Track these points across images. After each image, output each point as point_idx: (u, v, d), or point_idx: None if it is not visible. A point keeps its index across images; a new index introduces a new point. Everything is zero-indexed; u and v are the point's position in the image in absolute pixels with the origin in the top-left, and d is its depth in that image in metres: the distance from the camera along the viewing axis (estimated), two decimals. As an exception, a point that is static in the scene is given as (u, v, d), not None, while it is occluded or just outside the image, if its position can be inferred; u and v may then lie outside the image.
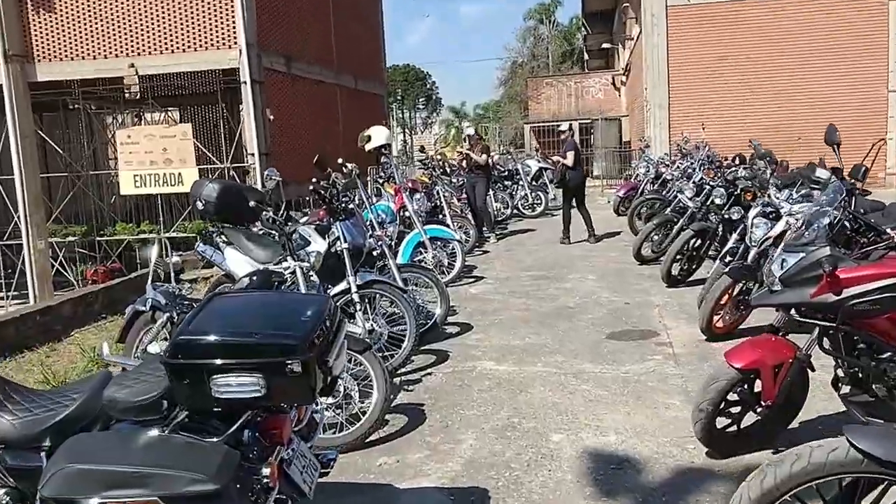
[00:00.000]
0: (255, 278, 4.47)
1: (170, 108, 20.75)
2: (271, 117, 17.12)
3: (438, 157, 12.86)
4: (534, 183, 15.56)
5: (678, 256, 7.51)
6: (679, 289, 7.55)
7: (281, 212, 4.71)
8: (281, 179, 4.71)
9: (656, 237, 8.85)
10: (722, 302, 5.49)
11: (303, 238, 5.46)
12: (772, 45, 15.55)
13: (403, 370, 5.33)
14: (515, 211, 14.83)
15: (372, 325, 5.30)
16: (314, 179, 6.16)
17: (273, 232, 6.04)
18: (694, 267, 7.72)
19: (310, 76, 19.42)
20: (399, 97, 72.44)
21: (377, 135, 8.33)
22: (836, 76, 15.29)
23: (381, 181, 9.97)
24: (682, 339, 5.81)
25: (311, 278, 4.61)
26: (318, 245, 5.41)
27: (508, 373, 5.22)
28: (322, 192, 5.34)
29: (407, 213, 8.53)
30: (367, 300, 5.42)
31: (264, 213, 4.42)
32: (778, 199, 5.43)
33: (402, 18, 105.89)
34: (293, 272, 4.40)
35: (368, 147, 8.34)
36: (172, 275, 5.27)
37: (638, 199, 11.29)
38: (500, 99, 61.13)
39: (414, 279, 6.37)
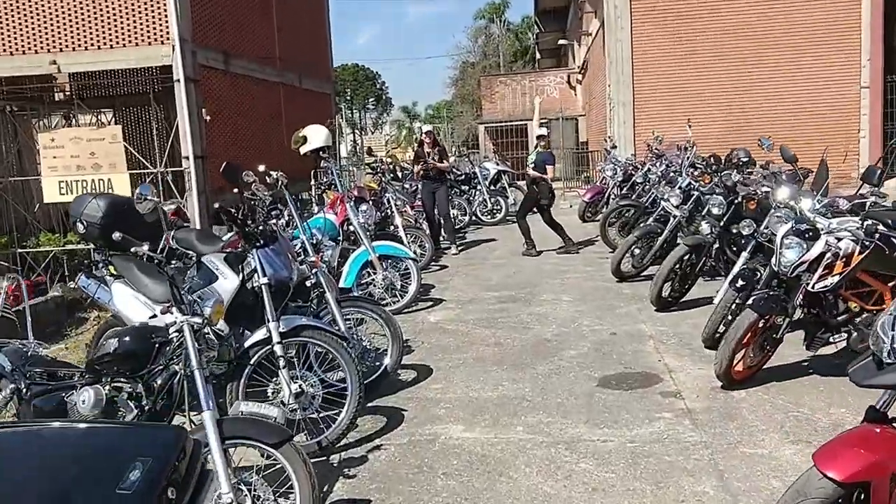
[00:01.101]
0: (126, 340, 3.22)
1: (104, 110, 19.18)
2: (207, 118, 15.90)
3: (389, 159, 11.55)
4: (492, 187, 14.42)
5: (670, 276, 6.43)
6: (671, 313, 6.47)
7: (160, 244, 3.41)
8: (159, 201, 3.42)
9: (637, 251, 7.78)
10: (744, 341, 4.40)
11: (206, 273, 4.18)
12: (742, 39, 14.73)
13: (343, 441, 4.08)
14: (473, 218, 13.66)
15: (300, 385, 4.04)
16: (236, 191, 4.92)
17: (179, 261, 4.76)
18: (686, 287, 6.66)
19: (250, 74, 18.15)
20: (348, 97, 70.96)
21: (314, 135, 7.06)
22: (808, 72, 14.54)
23: (321, 190, 8.71)
24: (691, 385, 4.69)
25: (208, 336, 3.33)
26: (228, 282, 4.13)
27: (481, 443, 4.02)
28: (231, 211, 4.07)
29: (352, 228, 7.29)
30: (295, 350, 4.18)
31: (134, 247, 3.13)
32: (811, 212, 4.35)
33: (352, 18, 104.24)
34: (181, 330, 3.12)
35: (304, 150, 7.07)
36: (29, 324, 3.95)
37: (610, 207, 10.21)
38: (451, 99, 60.22)
39: (358, 314, 5.14)
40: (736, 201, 6.29)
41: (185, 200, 15.47)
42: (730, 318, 5.29)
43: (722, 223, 6.33)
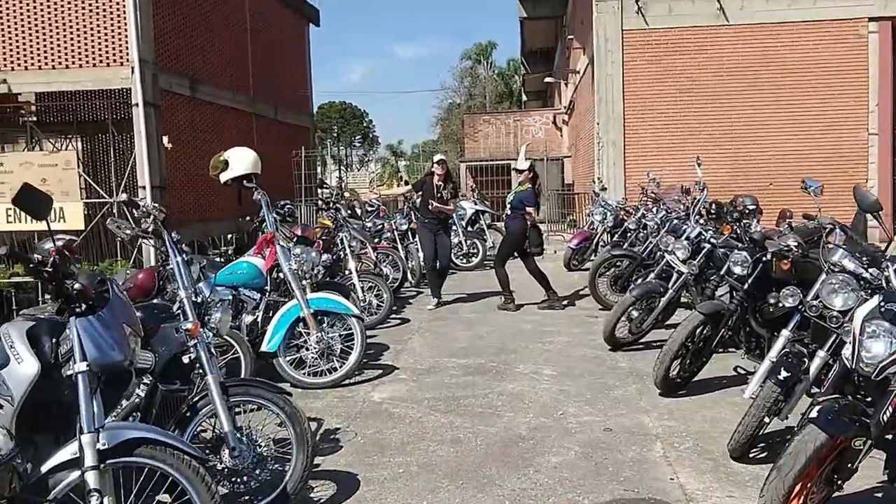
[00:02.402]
0: None
1: (70, 136, 17.95)
2: (168, 145, 14.65)
3: (347, 193, 10.07)
4: (469, 228, 13.07)
5: (680, 352, 5.04)
6: (680, 399, 5.07)
7: None
8: None
9: (635, 313, 6.40)
10: (807, 472, 2.99)
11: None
12: (743, 77, 13.65)
13: None
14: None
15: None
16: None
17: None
18: (699, 365, 5.27)
19: (219, 101, 16.92)
20: (335, 134, 70.24)
21: (238, 160, 5.66)
22: (813, 115, 13.44)
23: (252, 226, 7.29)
24: (724, 527, 3.26)
25: None
26: (23, 367, 2.67)
27: None
28: (31, 257, 2.65)
29: (285, 275, 5.85)
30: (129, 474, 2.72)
31: None
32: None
33: (341, 57, 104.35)
34: None
35: (225, 177, 5.66)
36: None
37: (600, 256, 8.81)
38: (437, 138, 59.53)
39: (252, 403, 3.69)
40: (764, 259, 4.95)
41: (140, 233, 14.11)
42: (767, 420, 3.92)
43: (746, 286, 4.98)
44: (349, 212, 8.73)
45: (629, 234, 10.35)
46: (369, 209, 11.65)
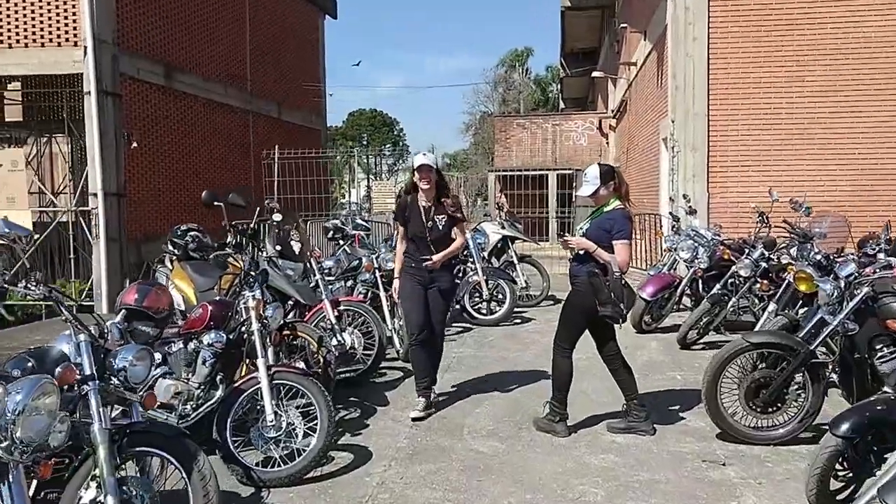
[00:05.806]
0: None
1: (56, 135, 15.05)
2: (134, 144, 11.70)
3: (278, 214, 5.71)
4: (492, 263, 9.31)
5: None
6: None
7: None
8: None
9: None
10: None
11: None
12: (876, 63, 9.83)
13: None
14: (462, 313, 8.52)
15: None
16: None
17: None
18: None
19: (203, 94, 13.80)
20: (365, 143, 68.19)
21: None
22: None
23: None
24: None
25: None
26: None
27: None
28: None
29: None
30: None
31: None
32: None
33: (372, 68, 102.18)
34: None
35: None
36: None
37: (730, 346, 4.41)
38: (468, 148, 56.26)
39: None
40: None
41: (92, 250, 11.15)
42: None
43: None
44: (277, 248, 5.00)
45: (734, 285, 6.66)
46: (352, 232, 7.89)
